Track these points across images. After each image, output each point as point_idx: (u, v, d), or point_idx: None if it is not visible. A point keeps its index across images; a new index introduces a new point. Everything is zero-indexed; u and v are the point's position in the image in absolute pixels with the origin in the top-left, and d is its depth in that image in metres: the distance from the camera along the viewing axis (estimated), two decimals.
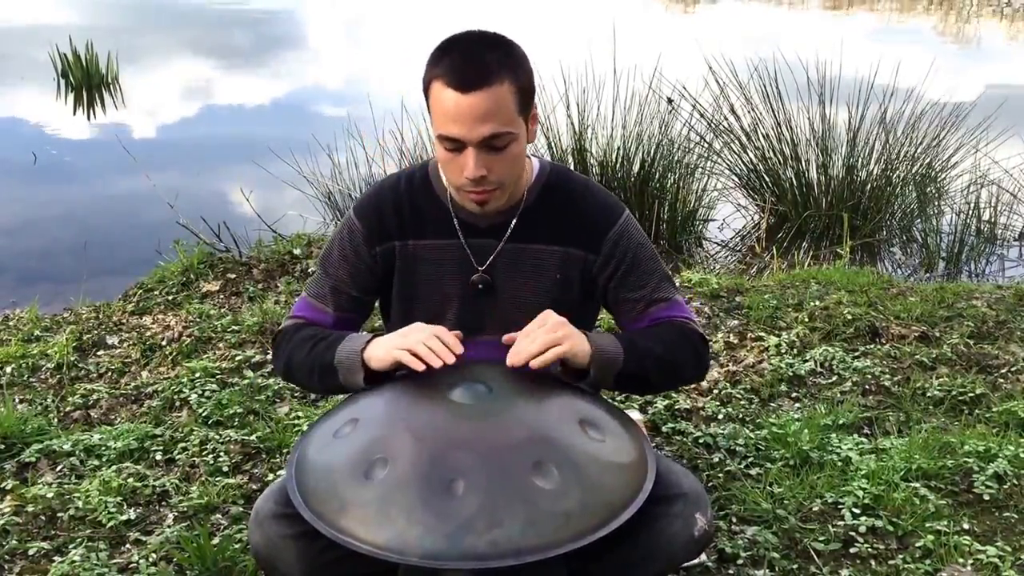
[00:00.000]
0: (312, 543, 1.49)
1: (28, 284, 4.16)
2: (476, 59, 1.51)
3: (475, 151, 1.53)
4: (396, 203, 1.72)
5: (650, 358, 1.64)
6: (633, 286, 1.71)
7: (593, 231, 1.70)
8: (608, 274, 1.71)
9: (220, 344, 3.03)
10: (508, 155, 1.56)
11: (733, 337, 3.06)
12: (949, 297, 3.37)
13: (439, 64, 1.53)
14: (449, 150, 1.55)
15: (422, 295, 1.74)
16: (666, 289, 1.73)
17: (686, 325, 1.72)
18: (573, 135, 4.88)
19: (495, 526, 1.31)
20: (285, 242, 4.01)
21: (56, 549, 2.04)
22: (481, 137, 1.52)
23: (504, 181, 1.59)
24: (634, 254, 1.71)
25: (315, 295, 1.77)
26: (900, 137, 4.92)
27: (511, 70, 1.53)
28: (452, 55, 1.52)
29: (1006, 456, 2.29)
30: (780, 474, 2.25)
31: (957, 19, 13.51)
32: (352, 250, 1.74)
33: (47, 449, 2.40)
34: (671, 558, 1.58)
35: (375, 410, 1.55)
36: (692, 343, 1.70)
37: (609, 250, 1.70)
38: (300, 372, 1.71)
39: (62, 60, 8.03)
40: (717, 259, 4.74)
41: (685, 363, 1.70)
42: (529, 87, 1.57)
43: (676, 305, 1.73)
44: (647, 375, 1.65)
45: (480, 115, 1.50)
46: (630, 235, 1.72)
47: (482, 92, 1.49)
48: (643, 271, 1.72)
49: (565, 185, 1.73)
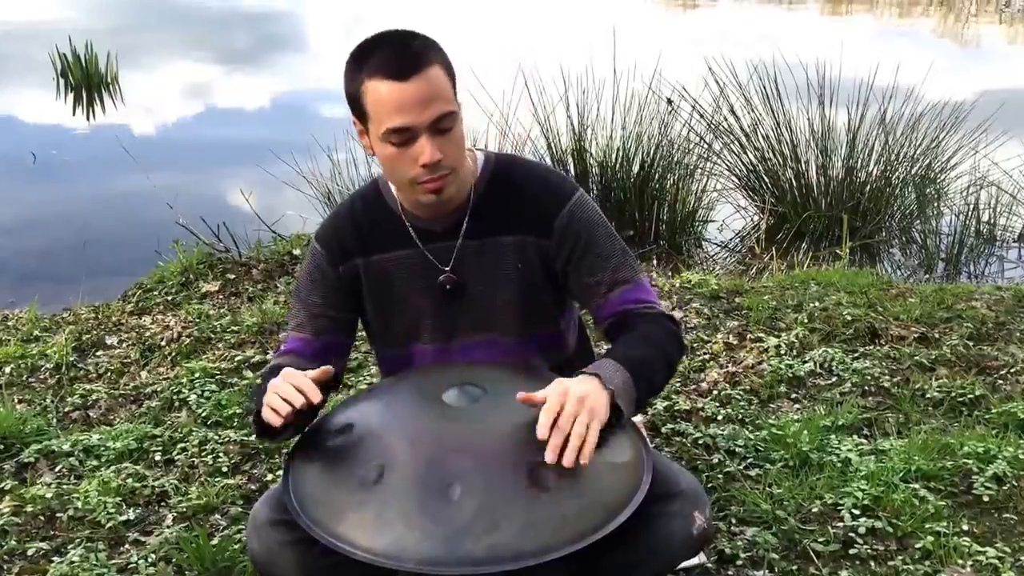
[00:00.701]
0: (309, 549, 1.49)
1: (27, 284, 4.16)
2: (403, 48, 1.53)
3: (427, 136, 1.52)
4: (353, 222, 1.72)
5: (651, 368, 1.59)
6: (591, 269, 1.66)
7: (542, 215, 1.66)
8: (565, 257, 1.67)
9: (219, 344, 3.03)
10: (455, 136, 1.57)
11: (733, 338, 3.06)
12: (948, 298, 3.37)
13: (366, 65, 1.53)
14: (397, 144, 1.54)
15: (396, 308, 1.73)
16: (627, 268, 1.68)
17: (659, 314, 1.67)
18: (573, 136, 4.88)
19: (493, 530, 1.31)
20: (284, 242, 4.01)
21: (55, 549, 2.04)
22: (431, 119, 1.52)
23: (455, 165, 1.58)
24: (588, 234, 1.66)
25: (294, 327, 1.75)
26: (900, 138, 4.92)
27: (437, 52, 1.55)
28: (378, 52, 1.53)
29: (1005, 457, 2.29)
30: (779, 475, 2.25)
31: (956, 21, 13.52)
32: (319, 274, 1.73)
33: (46, 449, 2.40)
34: (670, 557, 1.58)
35: (371, 415, 1.55)
36: (672, 333, 1.65)
37: (560, 234, 1.66)
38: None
39: (62, 60, 8.03)
40: (716, 260, 4.74)
41: (675, 355, 1.66)
42: (452, 69, 1.58)
43: (640, 287, 1.68)
44: (654, 384, 1.62)
45: (425, 98, 1.50)
46: (582, 214, 1.67)
47: (421, 76, 1.50)
48: (599, 252, 1.66)
49: (511, 172, 1.70)
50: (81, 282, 3.77)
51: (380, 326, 1.76)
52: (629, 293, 1.66)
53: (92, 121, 7.51)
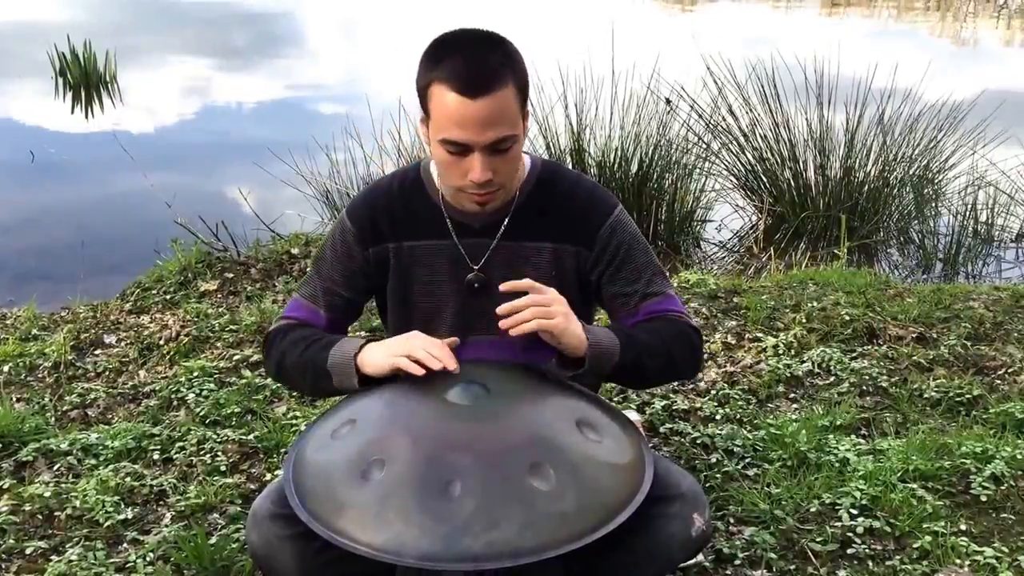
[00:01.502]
0: (309, 544, 1.49)
1: (26, 283, 4.16)
2: (480, 63, 1.50)
3: (481, 155, 1.52)
4: (389, 205, 1.72)
5: (647, 352, 1.64)
6: (626, 280, 1.70)
7: (585, 225, 1.69)
8: (601, 268, 1.71)
9: (218, 343, 3.03)
10: (510, 157, 1.56)
11: (731, 338, 3.06)
12: (946, 298, 3.38)
13: (439, 66, 1.51)
14: (453, 153, 1.54)
15: (418, 296, 1.73)
16: (659, 283, 1.73)
17: (681, 319, 1.71)
18: (571, 136, 4.88)
19: (492, 527, 1.31)
20: (283, 241, 4.01)
21: (53, 548, 2.04)
22: (488, 142, 1.51)
23: (506, 183, 1.59)
24: (628, 247, 1.70)
25: (307, 295, 1.76)
26: (898, 138, 4.93)
27: (512, 71, 1.52)
28: (454, 58, 1.50)
29: (1003, 457, 2.30)
30: (778, 475, 2.25)
31: (954, 21, 13.53)
32: (345, 251, 1.73)
33: (44, 448, 2.39)
34: (669, 559, 1.59)
35: (372, 411, 1.55)
36: (687, 338, 1.70)
37: (603, 244, 1.69)
38: (292, 373, 1.70)
39: (60, 59, 8.02)
40: (715, 260, 4.75)
41: (681, 358, 1.70)
42: (526, 85, 1.57)
43: (669, 299, 1.73)
44: (643, 369, 1.65)
45: (487, 121, 1.49)
46: (623, 228, 1.71)
47: (489, 97, 1.48)
48: (636, 265, 1.71)
49: (557, 181, 1.72)
50: (79, 281, 3.77)
51: (398, 312, 1.76)
52: (658, 304, 1.71)
53: (91, 120, 7.50)
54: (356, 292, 1.76)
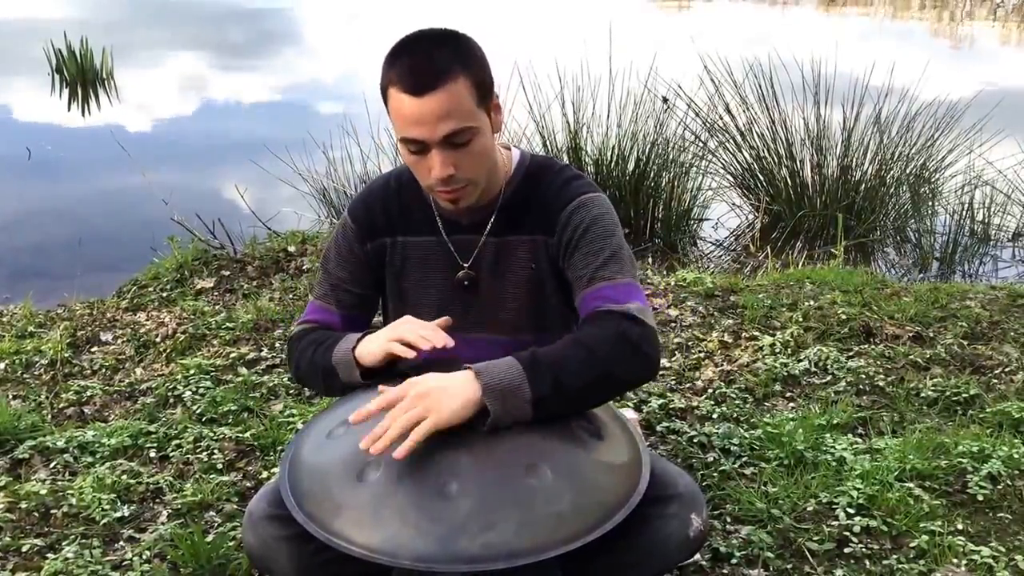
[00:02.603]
0: (305, 545, 1.49)
1: (22, 280, 4.15)
2: (425, 60, 1.50)
3: (439, 151, 1.51)
4: (385, 201, 1.74)
5: (564, 369, 1.44)
6: (579, 264, 1.60)
7: (551, 213, 1.65)
8: (562, 252, 1.64)
9: (214, 341, 3.03)
10: (473, 150, 1.54)
11: (728, 337, 3.06)
12: (943, 297, 3.38)
13: (391, 70, 1.52)
14: (414, 152, 1.54)
15: (411, 292, 1.75)
16: (613, 266, 1.59)
17: (619, 312, 1.52)
18: (568, 134, 4.88)
19: (488, 528, 1.31)
20: (280, 239, 4.01)
21: (49, 546, 2.03)
22: (442, 136, 1.50)
23: (473, 177, 1.57)
24: (585, 228, 1.61)
25: (320, 296, 1.78)
26: (895, 137, 4.94)
27: (462, 64, 1.51)
28: (402, 60, 1.51)
29: (1000, 457, 2.30)
30: (774, 474, 2.25)
31: (951, 20, 13.54)
32: (347, 249, 1.75)
33: (41, 446, 2.39)
34: (666, 559, 1.58)
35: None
36: (622, 333, 1.49)
37: (562, 227, 1.64)
38: (309, 377, 1.72)
39: (57, 55, 8.01)
40: (712, 258, 4.75)
41: (615, 359, 1.48)
42: (485, 79, 1.55)
43: (619, 286, 1.56)
44: (564, 385, 1.43)
45: (437, 116, 1.49)
46: (585, 210, 1.63)
47: (436, 93, 1.48)
48: (593, 247, 1.60)
49: (541, 175, 1.70)
50: (76, 278, 3.77)
51: (395, 307, 1.77)
52: (606, 290, 1.56)
53: (87, 117, 7.49)
54: (364, 287, 1.77)
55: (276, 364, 2.87)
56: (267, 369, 2.84)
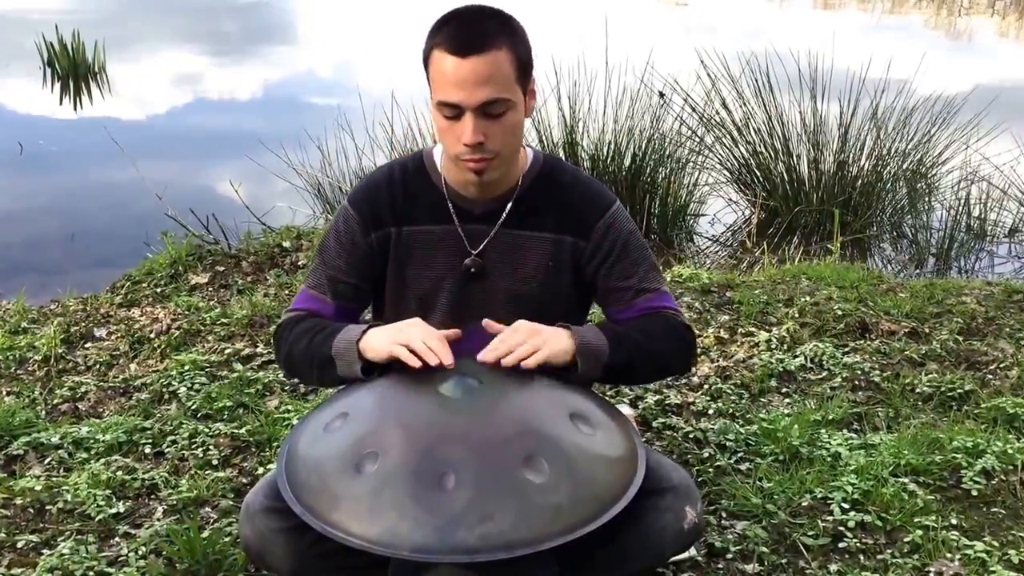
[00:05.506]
0: (302, 537, 1.49)
1: (15, 275, 4.12)
2: (474, 25, 1.55)
3: (473, 116, 1.54)
4: (390, 191, 1.74)
5: (636, 349, 1.66)
6: (621, 275, 1.73)
7: (584, 218, 1.72)
8: (598, 262, 1.73)
9: (209, 337, 3.02)
10: (505, 123, 1.57)
11: (723, 332, 3.06)
12: (939, 293, 3.38)
13: (438, 33, 1.56)
14: (448, 117, 1.56)
15: (413, 280, 1.75)
16: (654, 279, 1.76)
17: (673, 316, 1.75)
18: (564, 129, 4.87)
19: (486, 520, 1.32)
20: (274, 234, 4.00)
21: (45, 542, 2.03)
22: (479, 102, 1.53)
23: (500, 151, 1.60)
24: (624, 242, 1.73)
25: (314, 285, 1.77)
26: (891, 133, 4.93)
27: (508, 37, 1.56)
28: (451, 24, 1.56)
29: (994, 452, 2.30)
30: (770, 469, 2.26)
31: (948, 14, 13.54)
32: (349, 239, 1.74)
33: (35, 442, 2.38)
34: (661, 551, 1.60)
35: (365, 404, 1.55)
36: (678, 334, 1.73)
37: (599, 237, 1.72)
38: (300, 365, 1.71)
39: (48, 49, 7.96)
40: (708, 254, 4.75)
41: (671, 354, 1.73)
42: (527, 59, 1.59)
43: (663, 296, 1.76)
44: (633, 366, 1.67)
45: (478, 79, 1.52)
46: (620, 224, 1.74)
47: (480, 57, 1.52)
48: (632, 260, 1.74)
49: (558, 174, 1.76)
50: (69, 273, 3.75)
51: (395, 297, 1.77)
52: (651, 301, 1.74)
53: (79, 111, 7.45)
54: (362, 278, 1.76)
55: (271, 360, 2.86)
56: (262, 365, 2.83)
